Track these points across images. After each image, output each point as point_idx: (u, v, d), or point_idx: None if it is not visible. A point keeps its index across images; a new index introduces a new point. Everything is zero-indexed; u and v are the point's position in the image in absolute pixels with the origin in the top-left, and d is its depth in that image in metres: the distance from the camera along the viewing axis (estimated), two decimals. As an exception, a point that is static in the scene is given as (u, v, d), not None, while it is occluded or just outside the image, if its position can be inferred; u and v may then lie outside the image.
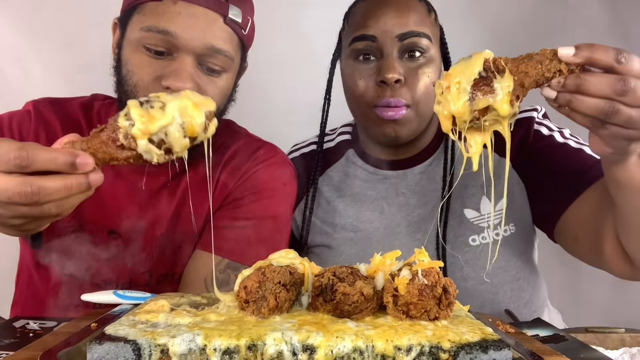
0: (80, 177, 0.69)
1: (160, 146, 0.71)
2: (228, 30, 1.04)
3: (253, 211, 1.13)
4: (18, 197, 0.66)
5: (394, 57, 1.11)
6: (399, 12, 1.12)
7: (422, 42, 1.11)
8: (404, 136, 1.15)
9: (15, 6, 1.82)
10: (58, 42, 1.78)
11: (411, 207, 1.21)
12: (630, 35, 1.79)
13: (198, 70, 1.02)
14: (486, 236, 1.15)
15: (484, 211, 1.16)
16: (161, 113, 0.71)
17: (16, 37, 1.81)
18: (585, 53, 0.68)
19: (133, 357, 0.59)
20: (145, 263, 1.12)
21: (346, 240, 1.22)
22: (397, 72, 1.09)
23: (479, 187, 1.16)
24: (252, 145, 1.21)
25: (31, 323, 0.94)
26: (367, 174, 1.26)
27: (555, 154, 1.12)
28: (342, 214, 1.24)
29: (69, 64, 1.75)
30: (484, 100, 0.69)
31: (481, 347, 0.59)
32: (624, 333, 0.92)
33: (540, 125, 1.17)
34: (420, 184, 1.22)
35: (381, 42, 1.11)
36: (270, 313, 0.66)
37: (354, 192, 1.25)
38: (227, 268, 1.06)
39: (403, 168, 1.23)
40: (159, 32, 0.99)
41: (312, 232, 1.24)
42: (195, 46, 1.00)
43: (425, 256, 0.70)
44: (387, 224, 1.21)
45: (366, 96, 1.13)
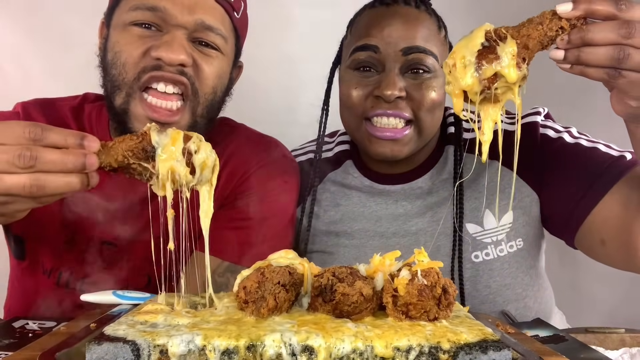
0: (80, 155, 0.70)
1: None
2: (219, 9, 1.04)
3: (254, 211, 1.10)
4: (19, 159, 0.67)
5: (395, 72, 1.05)
6: (406, 24, 1.06)
7: (427, 60, 1.06)
8: (402, 155, 1.10)
9: (15, 6, 1.82)
10: (58, 42, 1.78)
11: (409, 217, 1.16)
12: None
13: (191, 44, 1.01)
14: (490, 252, 1.09)
15: (488, 226, 1.10)
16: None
17: (16, 37, 1.81)
18: (584, 5, 0.67)
19: (132, 357, 0.59)
20: (143, 267, 1.10)
21: (343, 250, 1.18)
22: (397, 89, 1.04)
23: (482, 201, 1.10)
24: (252, 142, 1.18)
25: (30, 323, 0.94)
26: (365, 187, 1.21)
27: (568, 157, 1.06)
28: (338, 224, 1.20)
29: (69, 64, 1.75)
30: (490, 68, 0.69)
31: (481, 348, 0.59)
32: (624, 333, 0.92)
33: (545, 128, 1.12)
34: (421, 197, 1.17)
35: (384, 54, 1.06)
36: (269, 313, 0.66)
37: (351, 203, 1.20)
38: (227, 271, 1.04)
39: (402, 182, 1.18)
40: (147, 9, 0.98)
41: (310, 241, 1.21)
42: (186, 21, 0.99)
43: (425, 256, 0.70)
44: (382, 233, 1.17)
45: (359, 107, 1.08)
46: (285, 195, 1.16)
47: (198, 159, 0.73)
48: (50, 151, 0.69)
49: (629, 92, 0.71)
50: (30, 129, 0.68)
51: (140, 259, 1.10)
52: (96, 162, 0.71)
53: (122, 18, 1.01)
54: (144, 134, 0.72)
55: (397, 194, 1.18)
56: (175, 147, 0.72)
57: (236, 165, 1.14)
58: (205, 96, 1.04)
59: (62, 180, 0.69)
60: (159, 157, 0.71)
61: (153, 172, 0.72)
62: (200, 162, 0.73)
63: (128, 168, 0.73)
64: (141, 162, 0.72)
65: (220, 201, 1.13)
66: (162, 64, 0.98)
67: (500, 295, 1.11)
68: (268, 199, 1.12)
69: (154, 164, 0.72)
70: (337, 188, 1.23)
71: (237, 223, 1.10)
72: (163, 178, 0.72)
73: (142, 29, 0.99)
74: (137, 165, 0.72)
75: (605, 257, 1.03)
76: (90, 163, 0.70)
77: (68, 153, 0.69)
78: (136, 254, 1.10)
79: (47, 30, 1.80)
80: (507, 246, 1.10)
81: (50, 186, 0.69)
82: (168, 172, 0.71)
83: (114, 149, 0.72)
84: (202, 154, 0.73)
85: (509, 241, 1.09)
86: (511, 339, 0.70)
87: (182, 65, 0.98)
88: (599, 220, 1.00)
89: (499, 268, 1.10)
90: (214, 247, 1.06)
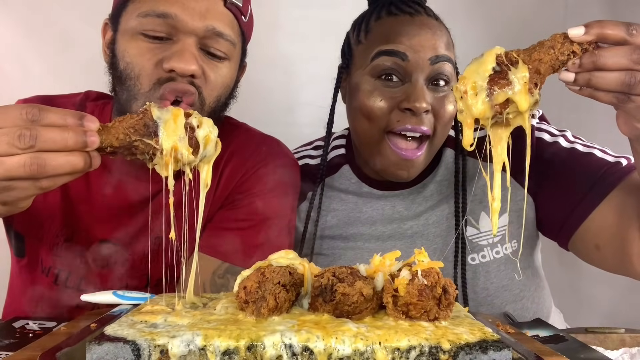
0: (80, 132, 0.68)
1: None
2: (229, 15, 1.02)
3: (255, 212, 1.10)
4: (18, 140, 0.66)
5: (422, 83, 1.03)
6: (434, 34, 1.05)
7: (448, 68, 1.06)
8: (413, 177, 1.10)
9: (15, 6, 1.82)
10: (58, 42, 1.78)
11: (404, 220, 1.16)
12: (630, 35, 1.79)
13: (201, 54, 1.00)
14: (486, 255, 1.10)
15: (484, 228, 1.10)
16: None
17: (16, 37, 1.81)
18: (596, 30, 0.67)
19: (132, 357, 0.59)
20: (142, 267, 1.10)
21: (339, 253, 1.18)
22: (426, 102, 1.02)
23: (477, 203, 1.10)
24: (253, 142, 1.17)
25: (30, 323, 0.94)
26: (363, 192, 1.20)
27: (564, 162, 1.07)
28: (334, 228, 1.20)
29: (69, 64, 1.75)
30: (502, 93, 0.69)
31: (481, 348, 0.59)
32: (624, 333, 0.92)
33: (540, 131, 1.12)
34: (416, 202, 1.17)
35: (412, 63, 1.03)
36: (269, 313, 0.66)
37: (347, 208, 1.20)
38: (227, 273, 1.04)
39: (400, 189, 1.18)
40: (157, 15, 0.96)
41: (306, 245, 1.19)
42: (197, 27, 0.97)
43: (425, 256, 0.70)
44: (378, 236, 1.17)
45: (383, 119, 1.05)
46: (286, 196, 1.15)
47: (201, 133, 0.73)
48: (50, 129, 0.67)
49: (636, 115, 0.72)
50: (27, 109, 0.67)
51: (140, 258, 1.10)
52: (97, 140, 0.69)
53: (131, 24, 0.98)
54: (145, 111, 0.72)
55: (394, 199, 1.18)
56: (177, 122, 0.71)
57: (237, 165, 1.13)
58: (210, 104, 1.03)
59: (63, 158, 0.68)
60: (162, 132, 0.70)
61: (157, 147, 0.71)
62: (203, 136, 0.73)
63: (130, 147, 0.71)
64: (144, 138, 0.71)
65: (221, 201, 1.12)
66: (175, 76, 0.97)
67: (498, 297, 1.11)
68: (269, 199, 1.11)
69: (157, 139, 0.71)
70: (334, 193, 1.22)
71: (237, 224, 1.09)
72: (167, 153, 0.71)
73: (152, 41, 0.97)
74: (139, 143, 0.71)
75: (599, 262, 1.04)
76: (91, 141, 0.69)
77: (68, 130, 0.68)
78: (136, 253, 1.10)
79: (47, 30, 1.80)
80: (502, 248, 1.10)
81: (51, 164, 0.67)
82: (172, 147, 0.71)
83: (114, 128, 0.71)
84: (204, 129, 0.73)
85: (504, 243, 1.09)
86: (511, 339, 0.70)
87: (192, 76, 0.98)
88: (594, 226, 1.01)
89: (496, 270, 1.11)
90: (214, 247, 1.06)
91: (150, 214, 1.07)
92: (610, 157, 1.05)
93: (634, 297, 1.79)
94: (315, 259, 1.19)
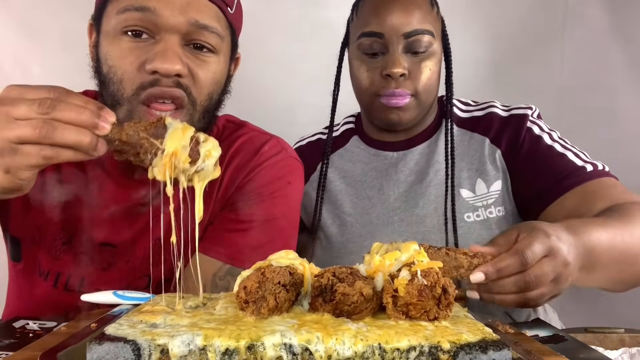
0: (95, 114, 0.72)
1: None
2: (213, 7, 0.99)
3: (257, 213, 1.08)
4: (39, 106, 0.70)
5: (399, 52, 1.18)
6: (404, 10, 1.18)
7: (424, 39, 1.19)
8: (406, 121, 1.24)
9: (15, 6, 1.82)
10: (58, 42, 1.78)
11: (409, 184, 1.28)
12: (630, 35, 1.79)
13: (186, 51, 0.96)
14: (480, 214, 1.23)
15: (479, 192, 1.24)
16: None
17: (16, 37, 1.81)
18: (494, 275, 0.82)
19: (133, 357, 0.59)
20: (142, 268, 1.09)
21: (347, 216, 1.29)
22: (401, 67, 1.17)
23: (474, 171, 1.25)
24: (256, 141, 1.15)
25: (31, 323, 0.94)
26: (369, 156, 1.34)
27: (540, 156, 1.19)
28: (344, 193, 1.32)
29: (69, 64, 1.75)
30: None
31: (481, 348, 0.59)
32: (623, 333, 0.92)
33: (533, 124, 1.24)
34: (419, 164, 1.30)
35: (387, 40, 1.18)
36: (270, 313, 0.66)
37: (356, 173, 1.33)
38: (228, 274, 1.03)
39: (403, 149, 1.32)
40: (136, 9, 0.93)
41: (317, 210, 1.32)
42: (179, 23, 0.94)
43: (424, 256, 0.70)
44: (385, 199, 1.28)
45: (372, 87, 1.22)
46: (289, 196, 1.14)
47: (204, 147, 0.75)
48: (69, 105, 0.71)
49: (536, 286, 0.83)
50: (58, 88, 0.72)
51: (140, 260, 1.10)
52: (108, 127, 0.73)
53: (112, 24, 0.96)
54: (160, 119, 0.76)
55: (398, 161, 1.31)
56: (185, 133, 0.75)
57: (239, 165, 1.12)
58: (202, 103, 1.01)
59: (71, 130, 0.71)
60: (168, 136, 0.74)
61: (160, 147, 0.73)
62: (205, 150, 0.75)
63: (136, 146, 0.74)
64: (150, 137, 0.74)
65: (222, 202, 1.11)
66: (159, 77, 0.94)
67: None
68: (271, 200, 1.10)
69: (162, 141, 0.74)
70: (344, 161, 1.36)
71: (239, 225, 1.08)
72: (167, 154, 0.73)
73: (133, 38, 0.95)
74: (145, 141, 0.74)
75: None
76: (102, 125, 0.72)
77: (84, 109, 0.72)
78: (136, 256, 1.09)
79: (47, 30, 1.80)
80: (495, 210, 1.23)
81: (60, 131, 0.71)
82: (174, 151, 0.73)
83: (127, 126, 0.75)
84: (208, 145, 0.76)
85: (496, 206, 1.22)
86: (511, 338, 0.70)
87: (178, 76, 0.95)
88: (550, 219, 1.09)
89: (487, 228, 1.22)
90: (215, 249, 1.05)
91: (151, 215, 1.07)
92: (579, 162, 1.16)
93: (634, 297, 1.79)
94: (326, 226, 1.31)
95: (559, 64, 1.85)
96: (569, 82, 1.84)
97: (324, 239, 1.32)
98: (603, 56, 1.81)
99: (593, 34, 1.82)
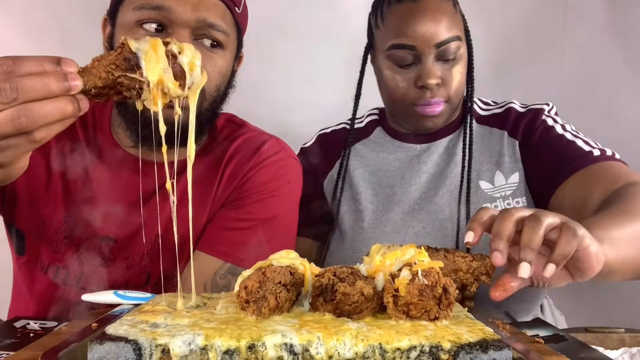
0: (61, 76, 0.65)
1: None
2: (221, 6, 1.05)
3: (256, 212, 1.10)
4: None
5: (432, 62, 1.20)
6: (434, 20, 1.19)
7: (453, 45, 1.21)
8: (439, 125, 1.29)
9: (15, 6, 1.82)
10: (58, 42, 1.78)
11: (430, 174, 1.31)
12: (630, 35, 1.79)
13: (195, 45, 0.99)
14: (498, 205, 1.24)
15: (497, 184, 1.26)
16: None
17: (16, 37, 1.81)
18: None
19: (134, 357, 0.59)
20: (142, 266, 1.09)
21: (369, 203, 1.31)
22: (436, 77, 1.20)
23: (494, 163, 1.28)
24: (256, 140, 1.17)
25: (31, 323, 0.94)
26: (393, 147, 1.36)
27: (550, 142, 1.22)
28: (366, 181, 1.34)
29: (69, 64, 1.75)
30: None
31: (481, 347, 0.59)
32: (624, 333, 0.92)
33: (548, 117, 1.27)
34: (442, 157, 1.32)
35: (420, 51, 1.19)
36: (270, 313, 0.66)
37: (379, 163, 1.36)
38: (228, 273, 1.04)
39: (427, 142, 1.34)
40: (152, 8, 0.99)
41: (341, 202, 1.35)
42: (189, 19, 1.00)
43: (425, 256, 0.71)
44: (406, 187, 1.31)
45: (407, 98, 1.24)
46: (288, 196, 1.15)
47: (184, 60, 0.70)
48: (29, 78, 0.63)
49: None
50: (1, 61, 0.63)
51: (140, 255, 1.10)
52: (80, 82, 0.66)
53: (127, 18, 1.01)
54: (122, 45, 0.69)
55: (421, 153, 1.33)
56: (158, 51, 0.69)
57: (239, 164, 1.13)
58: (211, 94, 1.06)
59: (51, 105, 0.64)
60: (144, 64, 0.68)
61: (142, 80, 0.68)
62: (187, 62, 0.70)
63: (115, 86, 0.69)
64: (127, 73, 0.68)
65: (222, 201, 1.12)
66: None
67: None
68: (271, 199, 1.11)
69: (140, 72, 0.68)
70: (368, 151, 1.38)
71: (239, 224, 1.09)
72: (154, 86, 0.68)
73: (147, 31, 1.00)
74: (123, 79, 0.68)
75: None
76: (73, 84, 0.65)
77: (48, 76, 0.64)
78: (135, 251, 1.10)
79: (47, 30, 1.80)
80: (513, 202, 1.24)
81: (39, 113, 0.64)
82: (159, 80, 0.68)
83: (94, 68, 0.68)
84: (187, 55, 0.71)
85: (514, 197, 1.24)
86: (511, 338, 0.70)
87: None
88: (555, 204, 1.15)
89: None
90: (215, 248, 1.06)
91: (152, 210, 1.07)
92: (586, 147, 1.18)
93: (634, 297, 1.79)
94: (346, 214, 1.33)
95: (559, 64, 1.85)
96: (569, 82, 1.84)
97: (344, 225, 1.34)
98: (603, 56, 1.81)
99: (593, 34, 1.82)
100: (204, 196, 1.10)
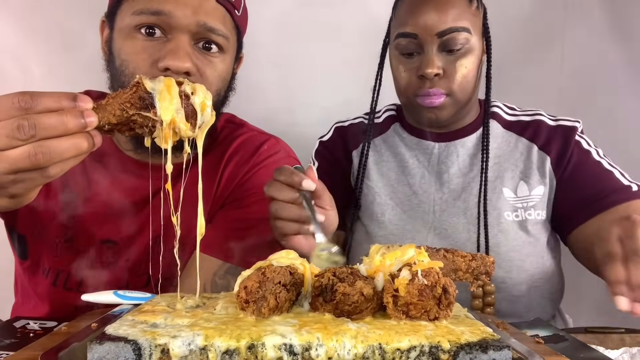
0: (77, 113, 0.66)
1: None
2: (221, 10, 1.04)
3: (256, 212, 1.09)
4: (18, 131, 0.63)
5: (433, 52, 1.18)
6: (438, 9, 1.18)
7: (460, 36, 1.18)
8: (443, 119, 1.25)
9: (15, 6, 1.81)
10: (58, 42, 1.78)
11: (451, 175, 1.30)
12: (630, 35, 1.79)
13: (195, 50, 1.01)
14: (519, 215, 1.24)
15: (520, 194, 1.25)
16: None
17: (16, 37, 1.81)
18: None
19: (133, 357, 0.59)
20: (142, 267, 1.09)
21: (387, 202, 1.31)
22: (435, 67, 1.17)
23: (518, 173, 1.27)
24: (255, 140, 1.18)
25: (31, 323, 0.94)
26: (412, 144, 1.35)
27: (589, 169, 1.22)
28: (385, 178, 1.34)
29: (69, 64, 1.75)
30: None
31: (481, 347, 0.59)
32: (624, 333, 0.92)
33: (581, 138, 1.27)
34: (462, 157, 1.31)
35: (422, 40, 1.18)
36: (270, 313, 0.66)
37: (397, 159, 1.35)
38: (227, 273, 1.04)
39: (446, 140, 1.32)
40: (151, 13, 0.98)
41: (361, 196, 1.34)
42: (189, 23, 0.99)
43: (425, 256, 0.71)
44: (426, 189, 1.30)
45: (409, 87, 1.23)
46: None
47: (197, 100, 0.72)
48: (47, 115, 0.65)
49: None
50: (19, 97, 0.64)
51: (140, 258, 1.10)
52: (95, 119, 0.67)
53: (126, 22, 1.00)
54: (137, 84, 0.70)
55: (440, 152, 1.32)
56: (172, 92, 0.70)
57: (238, 164, 1.13)
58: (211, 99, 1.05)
59: (67, 142, 0.66)
60: (159, 104, 0.69)
61: (155, 119, 0.70)
62: (199, 103, 0.72)
63: (128, 122, 0.70)
64: (141, 111, 0.69)
65: (222, 201, 1.12)
66: (170, 74, 0.97)
67: (523, 250, 1.22)
68: None
69: (154, 111, 0.70)
70: (386, 146, 1.38)
71: (238, 224, 1.09)
72: (167, 126, 0.70)
73: (146, 36, 0.99)
74: (137, 117, 0.70)
75: (584, 262, 1.21)
76: (89, 121, 0.67)
77: (65, 113, 0.65)
78: (136, 253, 1.10)
79: (47, 30, 1.80)
80: (535, 213, 1.24)
81: (56, 151, 0.65)
82: (172, 117, 0.70)
83: (109, 105, 0.69)
84: (199, 95, 0.73)
85: (536, 210, 1.24)
86: (511, 338, 0.70)
87: (187, 73, 0.99)
88: (588, 232, 1.16)
89: (524, 229, 1.24)
90: (214, 248, 1.06)
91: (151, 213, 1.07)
92: (625, 180, 1.20)
93: (633, 297, 1.79)
94: (366, 208, 1.34)
95: (559, 64, 1.85)
96: (569, 82, 1.84)
97: (365, 219, 1.33)
98: (603, 56, 1.81)
99: (593, 34, 1.81)
100: (204, 196, 1.10)
